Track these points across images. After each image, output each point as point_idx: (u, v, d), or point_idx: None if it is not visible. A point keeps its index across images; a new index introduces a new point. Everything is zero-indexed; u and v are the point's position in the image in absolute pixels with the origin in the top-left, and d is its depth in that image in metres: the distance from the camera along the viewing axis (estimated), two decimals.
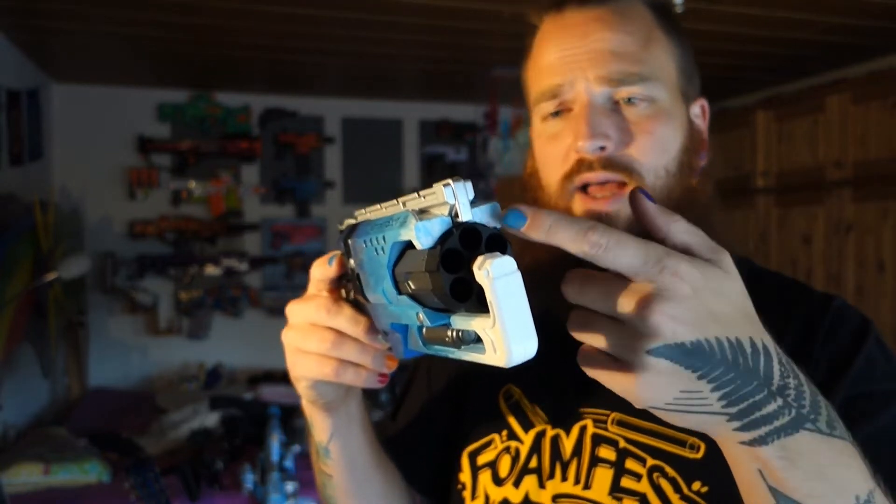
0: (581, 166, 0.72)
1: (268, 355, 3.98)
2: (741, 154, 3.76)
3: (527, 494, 0.77)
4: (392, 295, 0.49)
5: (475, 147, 4.47)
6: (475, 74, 3.58)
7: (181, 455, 2.54)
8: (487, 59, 3.36)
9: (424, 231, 0.42)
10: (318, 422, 0.73)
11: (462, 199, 0.42)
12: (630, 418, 0.74)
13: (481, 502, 0.80)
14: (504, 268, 0.39)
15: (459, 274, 0.42)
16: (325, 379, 0.64)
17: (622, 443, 0.74)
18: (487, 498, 0.79)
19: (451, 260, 0.42)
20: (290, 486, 2.25)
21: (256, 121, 4.18)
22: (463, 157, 4.49)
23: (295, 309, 0.66)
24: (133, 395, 3.67)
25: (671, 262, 0.42)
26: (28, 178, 3.16)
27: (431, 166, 4.46)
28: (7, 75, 2.96)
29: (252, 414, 2.89)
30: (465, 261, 0.42)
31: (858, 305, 3.19)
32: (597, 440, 0.75)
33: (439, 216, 0.43)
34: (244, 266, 4.07)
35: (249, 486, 2.28)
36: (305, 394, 0.69)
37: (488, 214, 0.44)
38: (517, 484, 0.77)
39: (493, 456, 0.80)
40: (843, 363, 0.69)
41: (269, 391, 3.30)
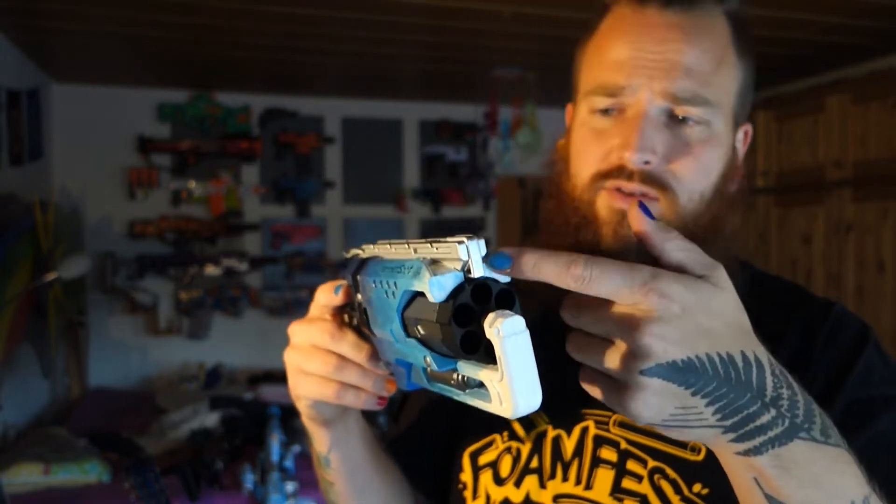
0: (620, 172, 0.70)
1: (268, 355, 3.98)
2: None
3: (528, 494, 0.77)
4: (400, 336, 0.52)
5: (475, 147, 4.47)
6: (475, 74, 3.58)
7: (181, 455, 2.54)
8: (487, 59, 3.36)
9: (438, 286, 0.44)
10: (318, 436, 0.75)
11: (475, 257, 0.44)
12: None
13: (482, 502, 0.80)
14: (514, 327, 0.41)
15: (470, 328, 0.44)
16: (326, 400, 0.67)
17: (623, 444, 0.74)
18: (488, 498, 0.80)
19: (463, 314, 0.44)
20: (290, 486, 2.25)
21: (256, 121, 4.18)
22: (463, 157, 4.49)
23: (298, 330, 0.67)
24: (133, 395, 3.68)
25: (659, 284, 0.43)
26: (28, 178, 3.16)
27: (431, 166, 4.46)
28: (7, 75, 2.96)
29: (252, 414, 2.89)
30: (476, 315, 0.44)
31: (858, 306, 3.19)
32: (598, 441, 0.75)
33: (452, 270, 0.45)
34: (244, 266, 4.07)
35: (249, 486, 2.28)
36: (305, 412, 0.71)
37: (506, 259, 0.45)
38: (518, 484, 0.78)
39: (495, 456, 0.81)
40: (843, 369, 0.69)
41: (269, 391, 3.30)
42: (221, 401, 3.02)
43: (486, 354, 0.44)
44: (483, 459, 0.82)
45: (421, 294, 0.48)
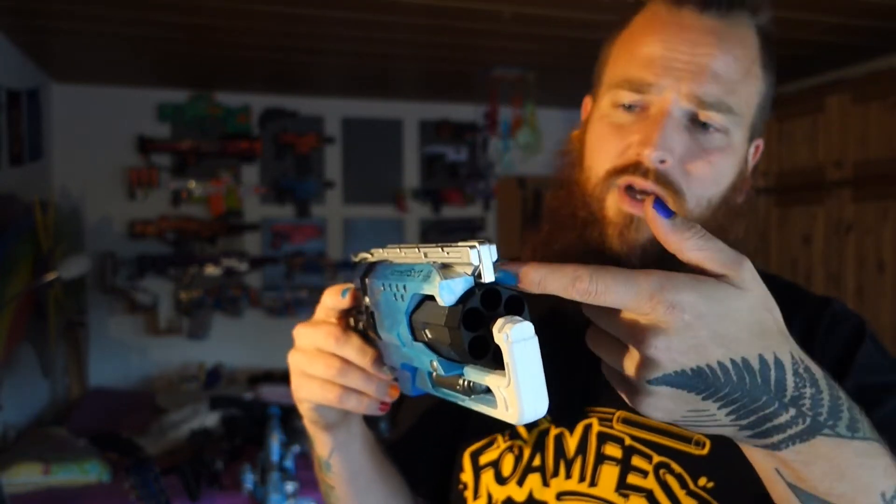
0: (635, 169, 0.71)
1: (268, 355, 3.98)
2: None
3: (531, 493, 0.77)
4: (407, 340, 0.52)
5: (475, 147, 4.47)
6: (475, 74, 3.58)
7: (181, 455, 2.54)
8: (487, 59, 3.36)
9: (448, 290, 0.45)
10: (319, 439, 0.75)
11: (486, 262, 0.44)
12: (635, 416, 0.75)
13: (484, 502, 0.80)
14: (523, 333, 0.41)
15: (478, 332, 0.44)
16: (328, 404, 0.66)
17: (628, 440, 0.74)
18: (490, 497, 0.80)
19: (472, 319, 0.44)
20: (290, 486, 2.25)
21: (256, 121, 4.18)
22: (463, 157, 4.49)
23: (303, 332, 0.67)
24: (133, 395, 3.68)
25: (666, 295, 0.42)
26: (28, 178, 3.16)
27: (431, 166, 4.46)
28: (7, 75, 2.96)
29: (252, 414, 2.90)
30: (485, 320, 0.44)
31: (858, 305, 3.18)
32: (602, 438, 0.76)
33: (462, 275, 0.45)
34: (244, 266, 4.07)
35: (249, 486, 2.28)
36: (308, 415, 0.71)
37: (508, 274, 0.46)
38: (521, 483, 0.78)
39: (496, 455, 0.81)
40: (844, 361, 0.71)
41: (269, 391, 3.30)
42: (221, 401, 3.02)
43: (494, 360, 0.44)
44: (484, 459, 0.82)
45: (430, 298, 0.48)
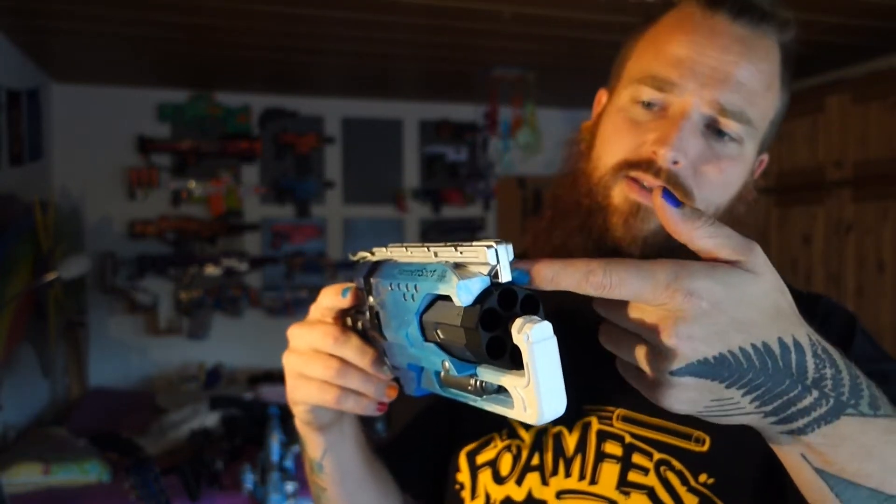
0: (648, 166, 0.71)
1: (268, 355, 3.98)
2: None
3: (530, 492, 0.77)
4: (416, 340, 0.51)
5: (475, 147, 4.47)
6: (475, 74, 3.58)
7: (181, 455, 2.54)
8: (487, 59, 3.36)
9: (466, 290, 0.44)
10: (312, 440, 0.74)
11: (503, 262, 0.44)
12: (635, 414, 0.75)
13: (482, 502, 0.80)
14: (543, 333, 0.41)
15: (495, 333, 0.44)
16: (326, 406, 0.65)
17: (628, 438, 0.74)
18: (488, 497, 0.79)
19: (489, 319, 0.44)
20: (290, 486, 2.25)
21: (256, 121, 4.18)
22: (463, 157, 4.49)
23: (298, 333, 0.66)
24: (133, 395, 3.68)
25: (683, 283, 0.42)
26: (28, 178, 3.16)
27: (431, 166, 4.46)
28: (7, 75, 2.96)
29: (252, 414, 2.90)
30: (502, 320, 0.44)
31: (858, 306, 3.18)
32: (602, 436, 0.76)
33: (478, 275, 0.44)
34: (244, 266, 4.07)
35: (249, 486, 2.29)
36: (303, 416, 0.70)
37: (523, 274, 0.45)
38: (520, 482, 0.78)
39: (494, 455, 0.80)
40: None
41: (269, 391, 3.30)
42: (221, 401, 3.03)
43: (510, 360, 0.44)
44: (481, 458, 0.81)
45: (443, 298, 0.47)
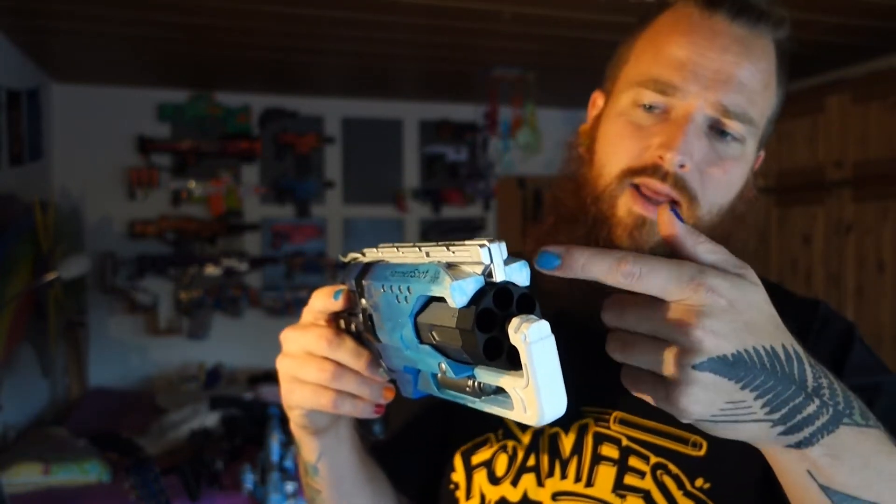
0: (654, 171, 0.70)
1: (268, 355, 3.94)
2: None
3: (525, 493, 0.76)
4: (411, 342, 0.50)
5: (475, 147, 4.47)
6: (475, 74, 3.58)
7: (181, 455, 2.54)
8: (487, 59, 3.36)
9: (460, 290, 0.43)
10: (307, 444, 0.73)
11: (497, 260, 0.43)
12: (632, 417, 0.74)
13: (477, 502, 0.79)
14: (540, 332, 0.41)
15: (492, 333, 0.43)
16: (322, 409, 0.65)
17: (625, 441, 0.74)
18: (483, 497, 0.79)
19: (485, 319, 0.43)
20: (290, 486, 2.25)
21: (256, 121, 4.18)
22: (463, 157, 4.49)
23: (291, 336, 0.65)
24: (133, 395, 3.68)
25: (706, 279, 0.44)
26: (28, 178, 3.16)
27: (431, 166, 4.46)
28: (7, 75, 2.96)
29: (252, 414, 2.90)
30: (498, 320, 0.43)
31: (858, 305, 3.18)
32: (599, 438, 0.75)
33: (472, 275, 0.44)
34: (244, 266, 4.07)
35: (249, 486, 2.29)
36: (298, 420, 0.69)
37: (517, 273, 0.44)
38: (515, 483, 0.77)
39: (489, 455, 0.80)
40: (837, 362, 0.72)
41: (269, 391, 3.30)
42: (221, 401, 3.03)
43: (508, 361, 0.43)
44: (476, 459, 0.81)
45: (437, 299, 0.46)
